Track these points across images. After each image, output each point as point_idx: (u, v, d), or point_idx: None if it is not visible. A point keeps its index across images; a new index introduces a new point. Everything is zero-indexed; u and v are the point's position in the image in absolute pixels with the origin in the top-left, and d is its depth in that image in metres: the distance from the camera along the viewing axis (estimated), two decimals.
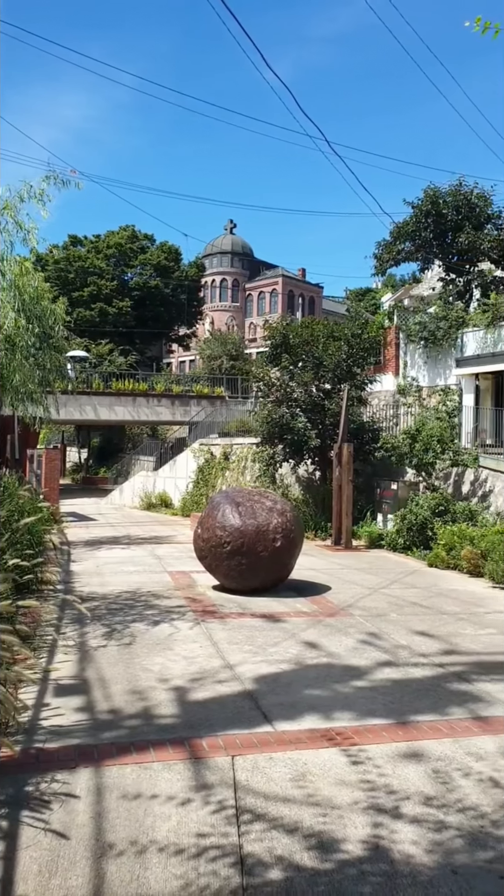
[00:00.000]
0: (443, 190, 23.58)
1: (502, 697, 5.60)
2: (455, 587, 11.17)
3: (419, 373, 24.11)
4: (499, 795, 3.90)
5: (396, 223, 24.48)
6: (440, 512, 14.98)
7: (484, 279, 23.82)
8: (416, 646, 7.21)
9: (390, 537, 15.73)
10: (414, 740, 4.66)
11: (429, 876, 3.11)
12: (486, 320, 21.05)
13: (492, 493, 16.25)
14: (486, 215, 23.50)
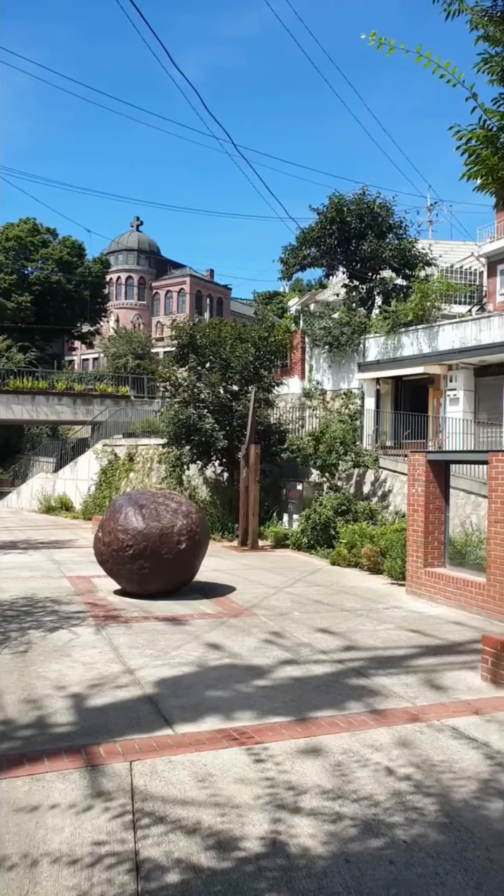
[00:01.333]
0: (347, 198, 24.23)
1: (398, 690, 5.80)
2: (356, 584, 11.48)
3: (324, 376, 24.65)
4: (392, 784, 4.03)
5: (302, 229, 24.95)
6: (342, 511, 15.38)
7: (385, 287, 24.65)
8: (318, 643, 7.35)
9: (295, 537, 16.00)
10: (313, 736, 4.75)
11: (323, 866, 3.18)
12: (386, 327, 21.78)
13: (391, 492, 16.82)
14: (388, 225, 24.33)
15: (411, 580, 10.78)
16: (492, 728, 4.95)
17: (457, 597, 9.71)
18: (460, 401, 19.77)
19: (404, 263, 24.06)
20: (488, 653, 6.06)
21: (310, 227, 24.61)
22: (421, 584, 10.52)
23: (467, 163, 5.71)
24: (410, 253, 24.15)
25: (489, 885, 3.07)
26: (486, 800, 3.85)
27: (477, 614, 9.15)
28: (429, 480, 10.71)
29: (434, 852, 3.33)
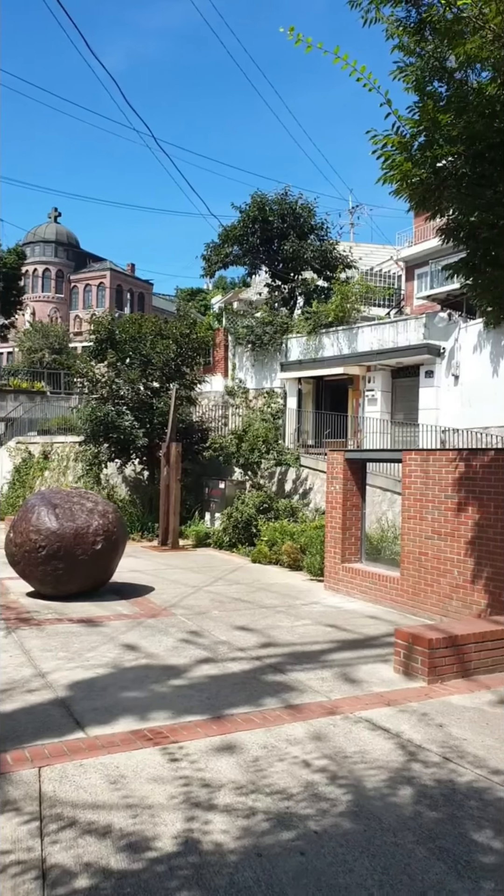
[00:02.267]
0: (270, 198, 24.41)
1: (313, 685, 5.88)
2: (276, 581, 11.59)
3: (247, 375, 24.76)
4: (306, 777, 4.08)
5: (224, 226, 24.97)
6: (264, 509, 15.49)
7: (307, 287, 24.98)
8: (236, 641, 7.37)
9: (217, 536, 16.00)
10: (229, 733, 4.75)
11: (235, 861, 3.18)
12: (308, 328, 22.09)
13: (312, 490, 17.07)
14: (310, 226, 24.66)
15: (329, 576, 10.97)
16: (403, 718, 5.09)
17: (373, 591, 9.94)
18: (378, 401, 20.26)
19: (325, 265, 24.46)
20: (400, 645, 6.22)
21: (232, 225, 24.66)
22: (339, 579, 10.72)
23: (383, 167, 5.83)
24: (331, 255, 24.57)
25: (394, 869, 3.15)
26: (396, 787, 3.95)
27: (391, 608, 9.40)
28: (346, 478, 10.93)
29: (344, 841, 3.39)
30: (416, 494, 9.27)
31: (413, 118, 5.48)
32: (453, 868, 3.18)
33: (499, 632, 6.34)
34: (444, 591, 8.65)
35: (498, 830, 3.51)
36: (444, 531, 8.77)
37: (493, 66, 4.98)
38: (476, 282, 6.58)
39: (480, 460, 8.31)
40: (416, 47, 5.63)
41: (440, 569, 8.76)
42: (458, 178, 5.40)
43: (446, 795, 3.87)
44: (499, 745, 4.62)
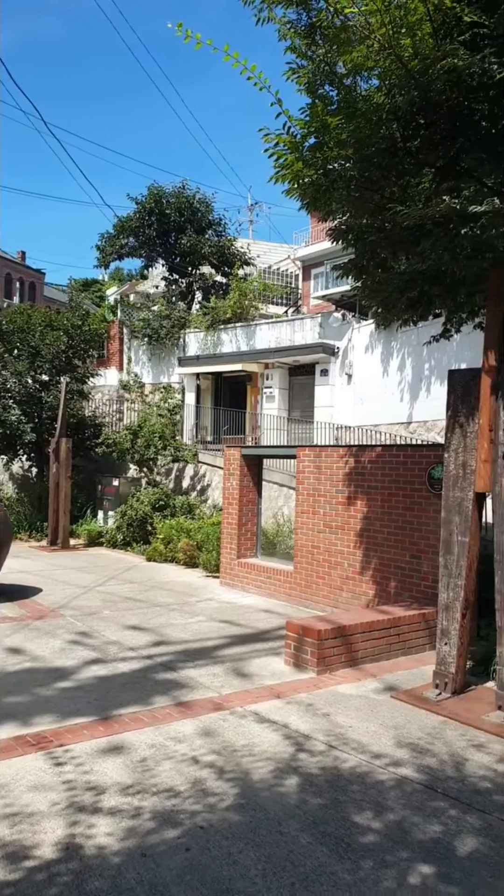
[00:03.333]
0: (167, 190, 24.18)
1: (204, 681, 5.89)
2: (171, 579, 11.52)
3: (143, 369, 24.44)
4: (194, 773, 4.07)
5: (120, 217, 24.52)
6: (160, 507, 15.33)
7: (205, 282, 24.95)
8: (127, 640, 7.27)
9: (111, 534, 15.70)
10: (116, 734, 4.67)
11: (118, 863, 3.13)
12: (206, 323, 22.07)
13: (210, 486, 17.09)
14: (208, 221, 24.62)
15: (225, 572, 11.03)
16: (291, 710, 5.19)
17: (267, 586, 10.08)
18: (276, 398, 20.56)
19: (223, 261, 24.51)
20: (291, 638, 6.34)
21: (128, 216, 24.25)
22: (234, 575, 10.79)
23: (275, 166, 5.88)
24: (229, 251, 24.65)
25: (277, 857, 3.21)
26: (282, 777, 4.03)
27: (285, 601, 9.57)
28: (243, 474, 11.01)
29: (229, 834, 3.41)
30: (310, 489, 9.48)
31: (304, 119, 5.56)
32: (335, 851, 3.27)
33: (384, 621, 6.59)
34: (335, 583, 8.89)
35: (378, 811, 3.65)
36: (335, 524, 9.01)
37: (380, 75, 5.15)
38: (365, 283, 6.78)
39: (369, 456, 8.59)
40: (307, 50, 5.71)
41: (331, 561, 9.00)
42: (348, 181, 5.52)
43: (330, 782, 3.98)
44: (382, 730, 4.80)
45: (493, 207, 4.57)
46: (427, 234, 5.09)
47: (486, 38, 4.34)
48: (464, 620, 5.59)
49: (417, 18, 4.47)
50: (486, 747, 4.56)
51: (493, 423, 5.36)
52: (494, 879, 3.08)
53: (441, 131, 4.91)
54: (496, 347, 5.43)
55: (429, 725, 4.93)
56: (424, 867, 3.15)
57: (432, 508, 7.50)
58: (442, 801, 3.78)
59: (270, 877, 3.06)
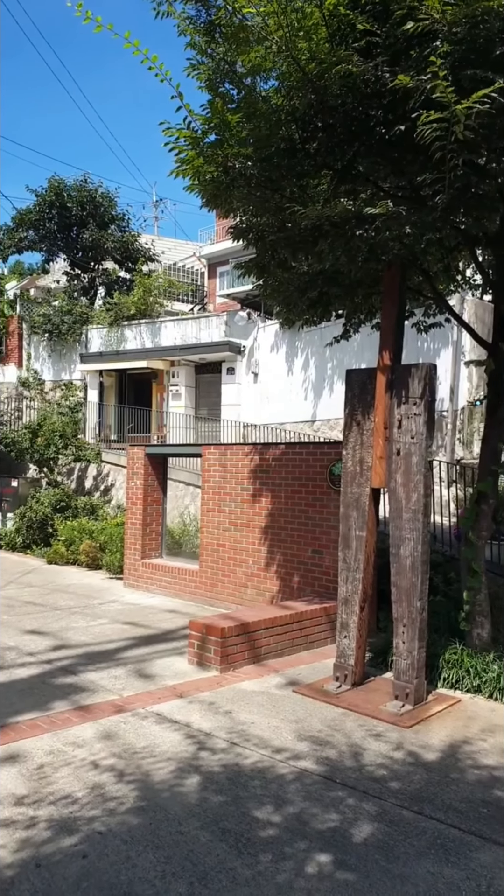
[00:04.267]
0: (68, 183, 23.56)
1: (105, 684, 5.78)
2: (73, 582, 11.24)
3: (43, 366, 23.70)
4: (93, 778, 3.99)
5: (19, 210, 23.69)
6: (62, 508, 14.94)
7: (108, 278, 24.48)
8: (25, 645, 7.03)
9: (9, 537, 15.15)
10: (12, 742, 4.50)
11: (11, 876, 3.02)
12: (109, 319, 21.67)
13: (114, 486, 16.80)
14: (111, 216, 24.18)
15: (129, 573, 10.87)
16: (194, 709, 5.17)
17: (173, 586, 10.01)
18: (182, 396, 20.44)
19: (127, 256, 24.14)
20: (194, 637, 6.32)
21: (27, 208, 23.47)
22: (139, 576, 10.66)
23: (176, 161, 5.84)
24: (133, 246, 24.31)
25: (177, 857, 3.19)
26: (183, 777, 4.00)
27: (191, 601, 9.54)
28: (147, 473, 10.89)
29: (129, 837, 3.36)
30: (215, 487, 9.49)
31: (205, 115, 5.54)
32: (234, 847, 3.28)
33: (287, 616, 6.68)
34: (240, 581, 8.94)
35: (278, 805, 3.69)
36: (240, 522, 9.06)
37: (278, 77, 5.20)
38: (266, 283, 6.85)
39: (273, 454, 8.69)
40: (207, 48, 5.68)
41: (236, 559, 9.04)
42: (248, 179, 5.55)
43: (231, 779, 3.99)
44: (283, 724, 4.87)
45: (387, 210, 4.71)
46: (325, 235, 5.19)
47: (379, 47, 4.47)
48: (362, 613, 5.74)
49: (314, 23, 4.54)
50: (384, 736, 4.71)
51: (388, 420, 5.54)
52: (388, 863, 3.18)
53: (338, 135, 5.01)
54: (391, 348, 5.61)
55: (329, 718, 5.04)
56: (322, 856, 3.21)
57: (333, 504, 7.67)
58: (340, 791, 3.87)
59: (169, 877, 3.04)
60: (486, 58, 4.22)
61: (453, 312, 6.80)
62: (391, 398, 5.54)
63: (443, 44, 4.13)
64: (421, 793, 3.86)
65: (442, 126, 4.18)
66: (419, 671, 5.34)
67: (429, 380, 5.38)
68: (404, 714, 5.07)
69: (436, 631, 6.12)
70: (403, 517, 5.41)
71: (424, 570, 5.40)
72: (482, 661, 5.68)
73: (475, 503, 6.03)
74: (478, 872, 3.11)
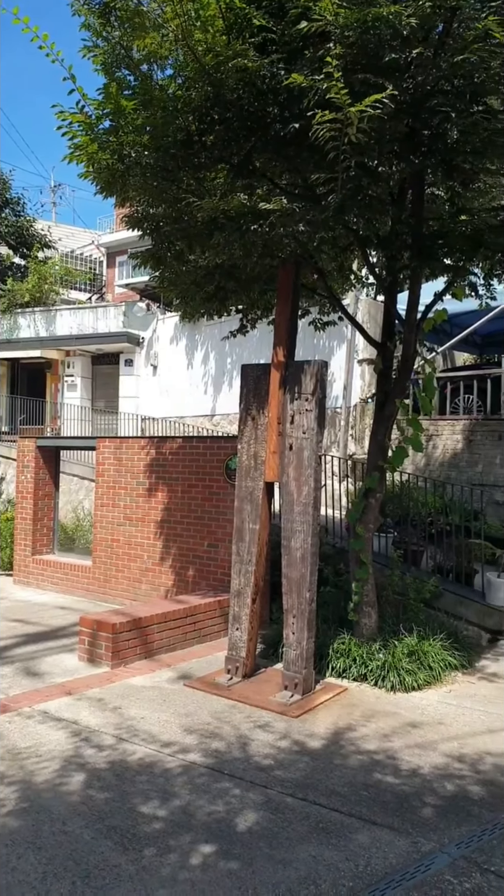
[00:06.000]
0: None
1: None
2: None
3: None
4: None
5: None
6: None
7: (2, 263, 23.51)
8: None
9: None
10: None
11: None
12: (2, 306, 20.82)
13: (4, 480, 16.17)
14: (5, 199, 23.22)
15: (19, 569, 10.51)
16: (82, 706, 5.06)
17: (65, 582, 9.76)
18: (78, 387, 19.94)
19: (22, 242, 23.28)
20: (85, 633, 6.19)
21: None
22: (29, 572, 10.32)
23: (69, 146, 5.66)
24: (28, 232, 23.46)
25: (60, 857, 3.12)
26: (68, 776, 3.91)
27: (83, 597, 9.33)
28: (38, 467, 10.56)
29: (10, 840, 3.25)
30: (110, 482, 9.32)
31: (99, 100, 5.41)
32: (119, 843, 3.24)
33: (180, 611, 6.66)
34: (135, 576, 8.84)
35: (164, 799, 3.67)
36: (135, 517, 8.94)
37: (174, 66, 5.14)
38: (163, 274, 6.78)
39: (169, 447, 8.64)
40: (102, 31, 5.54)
41: (131, 554, 8.93)
42: (144, 169, 5.45)
43: (118, 775, 3.94)
44: (173, 718, 4.85)
45: (281, 206, 4.77)
46: (220, 228, 5.20)
47: (275, 44, 4.51)
48: (254, 605, 5.81)
49: (210, 14, 4.52)
50: (271, 726, 4.79)
51: (281, 415, 5.62)
52: (271, 849, 3.24)
53: (235, 129, 5.02)
54: (284, 344, 5.70)
55: (218, 710, 5.07)
56: (206, 847, 3.23)
57: (229, 498, 7.71)
58: (227, 782, 3.90)
59: (51, 878, 2.96)
60: (377, 63, 4.34)
61: (346, 311, 6.98)
62: (285, 394, 5.63)
63: (336, 46, 4.21)
64: (305, 780, 3.96)
65: (336, 127, 4.27)
66: (308, 661, 5.46)
67: (320, 376, 5.51)
68: (293, 704, 5.17)
69: (325, 621, 6.28)
70: (295, 510, 5.51)
71: (314, 562, 5.52)
72: (368, 649, 5.88)
73: (363, 497, 6.22)
74: (356, 853, 3.23)
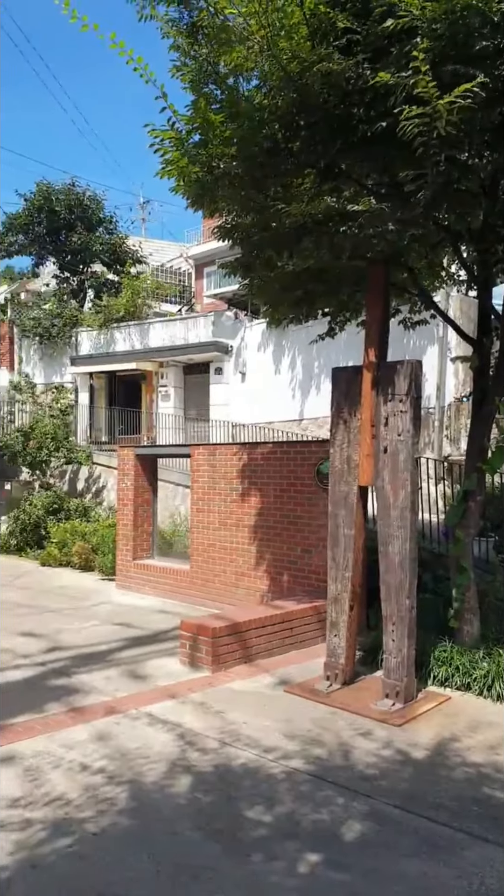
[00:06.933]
0: (56, 187, 23.50)
1: (98, 685, 5.77)
2: (66, 584, 11.22)
3: (35, 369, 23.62)
4: (86, 779, 3.98)
5: (8, 214, 23.63)
6: (55, 510, 14.91)
7: (97, 280, 24.43)
8: (20, 647, 7.02)
9: (2, 540, 15.11)
10: (6, 744, 4.50)
11: (7, 878, 3.02)
12: (99, 321, 21.62)
13: (105, 488, 16.77)
14: (98, 218, 24.13)
15: (121, 574, 10.85)
16: (186, 709, 5.17)
17: (164, 586, 10.00)
18: (171, 397, 20.41)
19: (115, 259, 24.11)
20: (186, 637, 6.32)
21: (17, 213, 23.41)
22: (130, 577, 10.64)
23: (161, 162, 5.83)
24: (121, 248, 24.27)
25: (170, 857, 3.19)
26: (174, 777, 4.00)
27: (182, 601, 9.53)
28: (137, 474, 10.87)
29: (122, 838, 3.36)
30: (204, 487, 9.49)
31: (189, 115, 5.55)
32: (227, 847, 3.29)
33: (277, 616, 6.69)
34: (230, 580, 8.95)
35: (268, 805, 3.69)
36: (229, 522, 9.06)
37: (260, 76, 5.20)
38: (252, 282, 6.86)
39: (261, 453, 8.70)
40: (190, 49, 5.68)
41: (226, 558, 9.04)
42: (232, 179, 5.55)
43: (223, 778, 4.00)
44: (274, 724, 4.87)
45: (369, 207, 4.73)
46: (309, 233, 5.20)
47: (360, 45, 4.48)
48: (352, 612, 5.75)
49: (295, 22, 4.55)
50: (373, 734, 4.72)
51: (374, 418, 5.55)
52: (380, 862, 3.19)
53: (321, 133, 5.02)
54: (376, 345, 5.62)
55: (319, 717, 5.05)
56: (313, 856, 3.22)
57: (321, 503, 7.68)
58: (330, 790, 3.87)
59: (163, 878, 3.04)
60: (467, 53, 4.23)
61: (438, 309, 6.82)
62: (377, 396, 5.56)
63: (423, 40, 4.14)
64: (411, 791, 3.88)
65: (424, 121, 4.20)
66: (409, 669, 5.35)
67: (414, 377, 5.40)
68: (394, 712, 5.08)
69: (425, 628, 6.13)
70: (391, 515, 5.42)
71: (413, 568, 5.41)
72: (471, 658, 5.70)
73: (462, 500, 6.05)
74: (468, 871, 3.12)
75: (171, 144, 5.65)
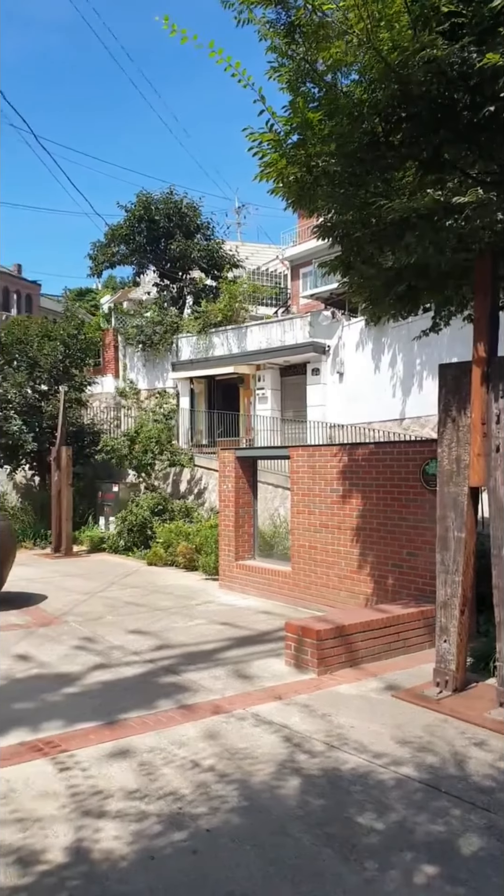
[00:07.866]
0: (155, 197, 24.21)
1: (206, 684, 5.86)
2: (171, 583, 11.49)
3: (138, 375, 24.43)
4: (197, 776, 4.05)
5: (111, 226, 24.55)
6: (159, 511, 15.33)
7: (196, 287, 24.97)
8: (130, 645, 7.24)
9: (112, 540, 15.69)
10: (122, 738, 4.65)
11: (126, 867, 3.12)
12: (197, 327, 22.08)
13: (206, 490, 17.07)
14: (196, 225, 24.67)
15: (224, 574, 11.00)
16: (292, 710, 5.16)
17: (265, 587, 10.05)
18: (268, 399, 20.54)
19: (213, 264, 24.55)
20: (291, 638, 6.32)
21: (118, 224, 24.30)
22: (233, 577, 10.76)
23: (259, 165, 5.87)
24: (218, 254, 24.69)
25: (282, 859, 3.18)
26: (283, 779, 4.00)
27: (283, 602, 9.54)
28: (238, 476, 10.99)
29: (234, 836, 3.39)
30: (304, 489, 9.46)
31: (286, 116, 5.55)
32: (339, 852, 3.25)
33: (383, 619, 6.56)
34: (333, 583, 8.87)
35: (380, 812, 3.62)
36: (331, 524, 8.98)
37: (359, 70, 5.14)
38: (352, 280, 6.76)
39: (361, 454, 8.57)
40: (287, 49, 5.68)
41: (328, 560, 8.97)
42: (331, 177, 5.51)
43: (332, 782, 3.96)
44: (382, 729, 4.78)
45: (476, 198, 4.55)
46: (412, 228, 5.07)
47: (465, 28, 4.33)
48: (462, 617, 5.56)
49: (395, 11, 4.46)
50: (488, 744, 4.54)
51: (486, 416, 5.34)
52: (500, 879, 3.05)
53: (423, 124, 4.90)
54: (485, 339, 5.41)
55: (429, 724, 4.90)
56: (429, 867, 3.13)
57: (427, 504, 7.48)
58: (445, 801, 3.75)
59: (276, 880, 3.04)
60: None
61: None
62: (488, 392, 5.35)
63: None
64: None
65: None
66: None
67: None
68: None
69: None
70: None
71: None
72: None
73: None
74: None
75: (269, 146, 5.67)
